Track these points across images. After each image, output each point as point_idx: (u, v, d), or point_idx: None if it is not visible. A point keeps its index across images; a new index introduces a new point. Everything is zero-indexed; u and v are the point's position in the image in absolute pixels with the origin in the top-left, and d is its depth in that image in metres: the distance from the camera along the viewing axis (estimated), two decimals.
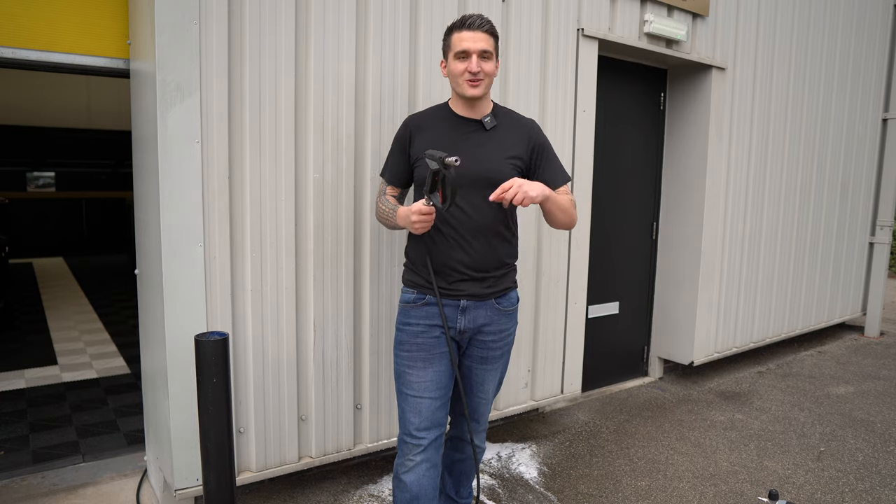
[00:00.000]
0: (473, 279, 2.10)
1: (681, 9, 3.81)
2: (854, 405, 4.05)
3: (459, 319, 2.13)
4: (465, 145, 2.08)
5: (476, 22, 2.04)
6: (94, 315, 6.36)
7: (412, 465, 2.11)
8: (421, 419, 2.11)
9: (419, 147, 2.11)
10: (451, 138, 2.11)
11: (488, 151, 2.10)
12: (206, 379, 1.97)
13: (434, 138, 2.11)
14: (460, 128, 2.12)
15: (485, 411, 2.31)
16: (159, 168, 2.21)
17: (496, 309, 2.16)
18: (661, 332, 4.45)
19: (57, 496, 2.74)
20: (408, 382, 2.13)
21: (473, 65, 2.02)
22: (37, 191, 11.53)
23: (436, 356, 2.12)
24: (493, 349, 2.20)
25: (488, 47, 2.05)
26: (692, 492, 2.91)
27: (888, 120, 5.71)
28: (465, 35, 2.03)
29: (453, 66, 2.07)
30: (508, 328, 2.23)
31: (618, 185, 4.07)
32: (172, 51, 2.19)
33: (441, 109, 2.20)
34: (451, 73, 2.09)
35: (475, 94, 2.06)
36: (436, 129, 2.14)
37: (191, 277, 2.30)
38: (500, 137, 2.13)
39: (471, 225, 2.07)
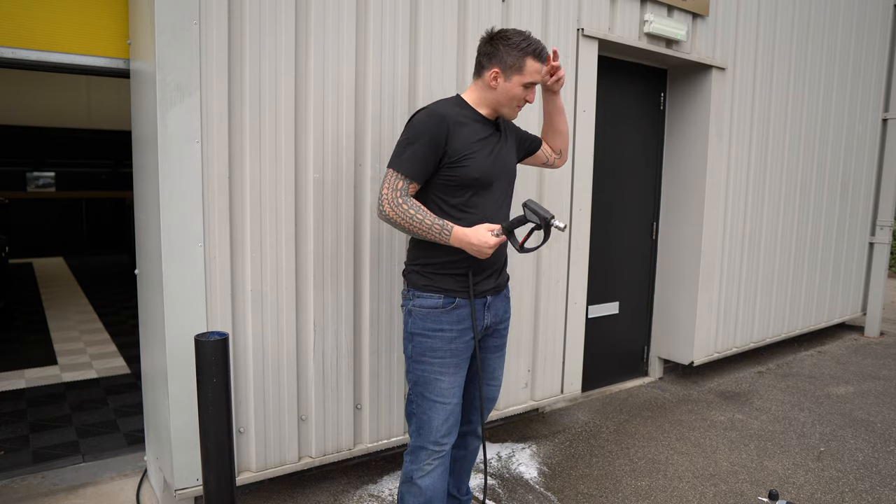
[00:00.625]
0: (494, 274, 2.19)
1: (681, 9, 3.81)
2: (854, 405, 4.05)
3: (486, 316, 2.18)
4: (497, 148, 2.16)
5: (545, 53, 2.09)
6: (94, 315, 6.36)
7: (430, 469, 2.13)
8: (449, 426, 2.13)
9: (459, 145, 2.04)
10: (485, 140, 2.12)
11: (509, 152, 2.22)
12: (206, 379, 1.97)
13: (473, 139, 2.08)
14: (489, 130, 2.15)
15: (496, 397, 2.39)
16: (159, 168, 2.21)
17: (504, 296, 2.27)
18: (661, 332, 4.45)
19: (57, 496, 2.74)
20: (439, 390, 2.11)
21: (532, 96, 2.09)
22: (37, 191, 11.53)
23: (464, 361, 2.15)
24: (503, 335, 2.32)
25: None
26: (692, 492, 2.91)
27: (888, 120, 5.71)
28: (537, 67, 2.07)
29: (515, 90, 2.07)
30: (510, 312, 2.35)
31: (618, 185, 4.07)
32: (172, 51, 2.19)
33: (463, 107, 2.13)
34: (508, 94, 2.08)
35: (514, 117, 2.18)
36: (468, 129, 2.08)
37: (191, 277, 2.30)
38: (508, 137, 2.24)
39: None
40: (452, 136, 2.05)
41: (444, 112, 2.07)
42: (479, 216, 2.09)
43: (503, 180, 2.18)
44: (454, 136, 2.05)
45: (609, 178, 3.97)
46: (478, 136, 2.10)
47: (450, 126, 2.05)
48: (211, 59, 2.27)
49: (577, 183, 3.43)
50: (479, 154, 2.08)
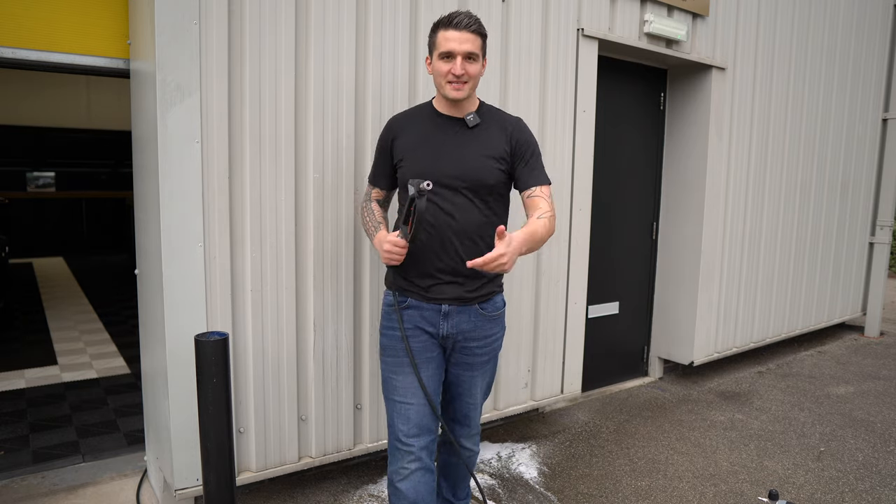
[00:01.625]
0: (455, 283, 2.04)
1: (681, 9, 3.81)
2: (854, 405, 4.05)
3: (442, 324, 2.07)
4: (447, 145, 2.03)
5: (463, 21, 1.94)
6: (94, 315, 6.36)
7: (407, 472, 2.06)
8: (409, 426, 2.05)
9: (401, 148, 2.07)
10: (434, 138, 2.04)
11: (470, 151, 2.03)
12: (206, 379, 1.97)
13: (416, 139, 2.05)
14: (443, 127, 2.05)
15: (474, 415, 2.26)
16: (159, 168, 2.21)
17: (480, 314, 2.10)
18: (661, 332, 4.45)
19: (57, 496, 2.74)
20: (394, 388, 2.08)
21: (457, 67, 1.94)
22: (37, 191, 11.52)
23: (422, 361, 2.07)
24: (478, 355, 2.14)
25: (475, 49, 1.96)
26: (692, 492, 2.91)
27: (888, 120, 5.71)
28: (451, 35, 1.94)
29: (437, 65, 1.99)
30: (494, 333, 2.16)
31: (618, 185, 4.07)
32: (172, 51, 2.19)
33: (424, 108, 2.14)
34: (435, 73, 2.01)
35: (457, 97, 1.99)
36: (418, 129, 2.07)
37: (191, 277, 2.30)
38: (483, 137, 2.05)
39: (454, 227, 2.00)
40: (398, 139, 2.09)
41: (394, 119, 2.16)
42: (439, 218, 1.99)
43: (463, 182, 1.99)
44: (399, 140, 2.09)
45: (609, 178, 3.97)
46: (425, 136, 2.04)
47: (395, 130, 2.11)
48: (211, 59, 2.27)
49: (577, 183, 3.43)
50: (421, 155, 2.03)
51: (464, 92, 1.99)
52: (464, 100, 2.03)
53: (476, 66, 1.99)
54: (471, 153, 2.02)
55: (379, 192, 2.21)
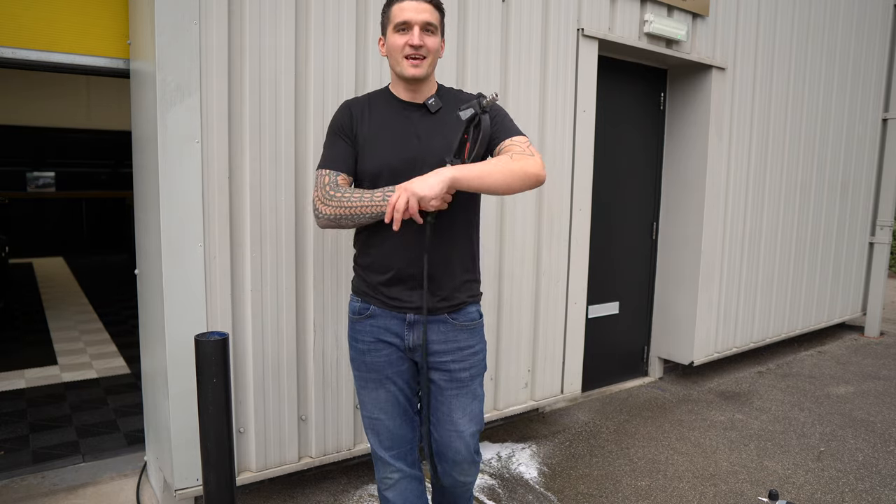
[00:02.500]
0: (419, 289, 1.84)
1: (681, 9, 3.81)
2: (854, 405, 4.05)
3: (408, 335, 1.88)
4: (405, 134, 1.85)
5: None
6: (94, 315, 6.36)
7: (391, 482, 2.00)
8: (381, 439, 1.96)
9: (360, 134, 1.87)
10: (394, 126, 1.86)
11: (434, 141, 1.83)
12: (206, 379, 1.97)
13: (375, 127, 1.87)
14: (403, 114, 1.87)
15: (460, 447, 1.93)
16: (159, 168, 2.21)
17: (451, 325, 1.89)
18: (661, 332, 4.45)
19: (57, 496, 2.74)
20: (362, 402, 1.98)
21: (415, 38, 1.77)
22: (37, 191, 11.52)
23: (386, 378, 1.91)
24: (454, 371, 1.90)
25: (433, 20, 1.80)
26: (692, 492, 2.91)
27: (888, 120, 5.71)
28: (407, 5, 1.78)
29: (392, 40, 1.81)
30: (471, 345, 1.92)
31: (618, 185, 4.07)
32: (172, 51, 2.19)
33: (381, 94, 1.94)
34: (390, 50, 1.83)
35: (416, 74, 1.80)
36: (373, 115, 1.88)
37: (191, 277, 2.30)
38: (447, 122, 1.85)
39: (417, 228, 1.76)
40: (359, 123, 1.89)
41: (352, 103, 1.95)
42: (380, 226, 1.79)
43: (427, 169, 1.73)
44: (360, 124, 1.88)
45: (609, 178, 3.97)
46: (384, 123, 1.87)
47: (353, 112, 1.90)
48: (211, 58, 2.27)
49: (577, 183, 3.43)
50: (382, 143, 1.85)
51: (422, 69, 1.81)
52: (423, 81, 1.85)
53: (435, 39, 1.82)
54: (436, 141, 1.83)
55: (346, 178, 1.86)
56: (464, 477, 2.01)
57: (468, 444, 1.95)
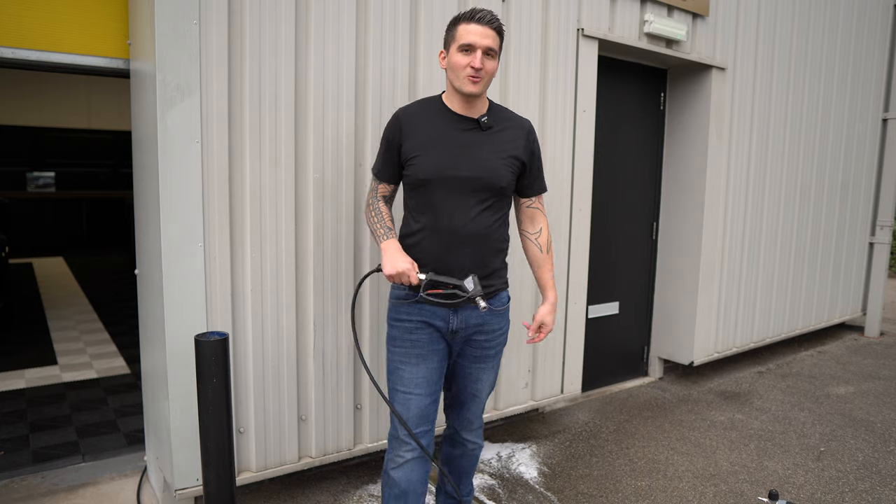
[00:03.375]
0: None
1: (681, 9, 3.81)
2: (854, 405, 4.05)
3: (452, 319, 2.10)
4: (456, 146, 2.03)
5: (487, 17, 1.97)
6: (94, 315, 6.36)
7: (402, 461, 2.12)
8: (410, 415, 2.10)
9: (413, 145, 2.04)
10: (449, 138, 2.04)
11: (486, 153, 2.04)
12: (206, 379, 1.97)
13: (429, 137, 2.04)
14: (456, 126, 2.05)
15: (476, 409, 2.30)
16: (159, 168, 2.21)
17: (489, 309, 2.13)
18: (661, 332, 4.45)
19: (57, 496, 2.74)
20: (400, 378, 2.12)
21: (477, 60, 1.94)
22: (37, 191, 11.52)
23: (429, 353, 2.10)
24: (486, 348, 2.20)
25: (494, 45, 1.98)
26: (692, 492, 2.91)
27: (888, 120, 5.71)
28: (473, 28, 1.96)
29: (455, 58, 1.98)
30: (501, 327, 2.22)
31: (618, 185, 4.07)
32: (172, 51, 2.19)
33: (434, 104, 2.11)
34: (452, 66, 2.00)
35: (474, 91, 1.98)
36: (430, 126, 2.05)
37: (191, 277, 2.30)
38: (497, 138, 2.07)
39: (462, 229, 2.02)
40: (407, 134, 2.06)
41: (403, 113, 2.11)
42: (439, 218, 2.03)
43: (475, 183, 2.01)
44: (409, 135, 2.05)
45: (609, 178, 3.97)
46: (436, 134, 2.04)
47: (403, 124, 2.07)
48: (211, 59, 2.27)
49: (577, 183, 3.43)
50: (432, 153, 2.02)
51: (479, 87, 1.99)
52: (477, 97, 2.04)
53: (493, 62, 2.00)
54: (486, 156, 2.04)
55: (386, 188, 2.17)
56: (474, 437, 2.33)
57: (482, 405, 2.31)
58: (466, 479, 2.46)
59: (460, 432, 2.33)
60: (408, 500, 2.14)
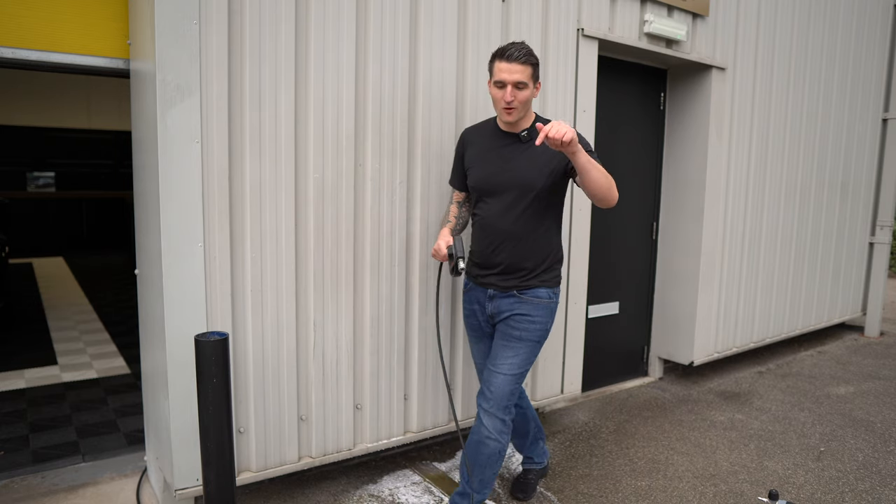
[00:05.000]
0: (498, 273, 2.43)
1: (681, 9, 3.81)
2: (854, 405, 4.05)
3: (488, 305, 2.48)
4: (499, 158, 2.39)
5: (514, 54, 2.21)
6: (95, 315, 6.36)
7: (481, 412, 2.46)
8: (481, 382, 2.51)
9: (469, 159, 2.48)
10: (489, 151, 2.42)
11: (519, 164, 2.35)
12: (206, 379, 1.97)
13: (479, 151, 2.45)
14: (498, 141, 2.42)
15: (496, 387, 2.41)
16: (159, 168, 2.21)
17: (518, 297, 2.41)
18: (661, 332, 4.45)
19: (57, 496, 2.74)
20: (471, 353, 2.73)
21: (507, 95, 2.24)
22: (37, 191, 11.52)
23: (480, 335, 2.59)
24: (513, 328, 2.42)
25: (524, 78, 2.23)
26: (692, 492, 2.91)
27: (888, 120, 5.71)
28: (503, 66, 2.23)
29: (493, 91, 2.31)
30: (531, 314, 2.41)
31: (618, 185, 4.05)
32: (172, 51, 2.19)
33: (490, 123, 2.50)
34: (492, 98, 2.33)
35: (509, 119, 2.32)
36: (480, 142, 2.47)
37: (191, 277, 2.30)
38: (533, 151, 2.33)
39: (502, 230, 2.37)
40: (467, 150, 2.52)
41: (466, 132, 2.57)
42: (484, 219, 2.44)
43: (513, 190, 2.35)
44: (468, 150, 2.51)
45: None
46: (485, 149, 2.43)
47: (465, 142, 2.54)
48: (211, 59, 2.27)
49: None
50: (480, 165, 2.43)
51: (514, 115, 2.30)
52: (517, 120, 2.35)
53: (526, 92, 2.27)
54: (520, 165, 2.35)
55: (458, 195, 2.63)
56: (490, 423, 2.41)
57: (501, 385, 2.41)
58: (479, 473, 2.44)
59: (480, 411, 2.45)
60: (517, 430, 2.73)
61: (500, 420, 2.41)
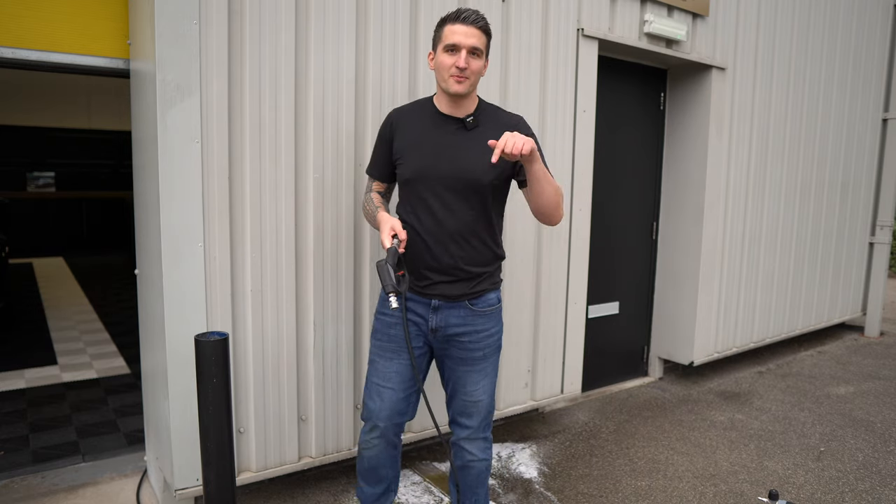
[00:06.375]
0: (444, 282, 2.09)
1: (681, 9, 3.81)
2: (854, 405, 4.05)
3: (431, 318, 2.12)
4: (441, 146, 2.06)
5: (471, 17, 1.99)
6: (95, 315, 6.36)
7: (372, 445, 2.20)
8: (381, 406, 2.15)
9: (401, 145, 2.10)
10: (430, 138, 2.07)
11: (466, 154, 2.04)
12: (206, 379, 1.97)
13: (414, 137, 2.09)
14: (441, 126, 2.08)
15: (475, 414, 2.20)
16: (159, 168, 2.21)
17: (469, 310, 2.12)
18: (661, 332, 4.45)
19: (57, 496, 2.74)
20: (375, 371, 2.18)
21: (462, 60, 1.97)
22: (37, 191, 11.52)
23: (405, 349, 2.12)
24: (471, 350, 2.14)
25: (479, 45, 2.00)
26: (692, 492, 2.91)
27: (888, 120, 5.71)
28: (458, 28, 1.98)
29: (441, 58, 2.01)
30: (487, 329, 2.16)
31: (618, 185, 4.07)
32: (172, 51, 2.19)
33: (424, 105, 2.16)
34: (438, 66, 2.03)
35: (459, 90, 2.00)
36: (415, 127, 2.11)
37: (191, 277, 2.30)
38: (481, 139, 2.03)
39: (445, 228, 2.05)
40: (397, 134, 2.12)
41: (395, 113, 2.19)
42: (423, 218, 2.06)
43: (459, 183, 2.03)
44: (399, 135, 2.12)
45: (609, 178, 3.97)
46: (423, 135, 2.08)
47: (395, 125, 2.14)
48: (211, 59, 2.27)
49: (577, 183, 3.43)
50: (418, 153, 2.07)
51: (465, 86, 2.00)
52: (464, 97, 2.05)
53: (479, 62, 2.02)
54: (467, 155, 2.04)
55: (380, 185, 2.23)
56: (473, 447, 2.22)
57: (479, 411, 2.20)
58: (471, 495, 2.29)
59: (458, 441, 2.25)
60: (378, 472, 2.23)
61: (482, 439, 2.24)
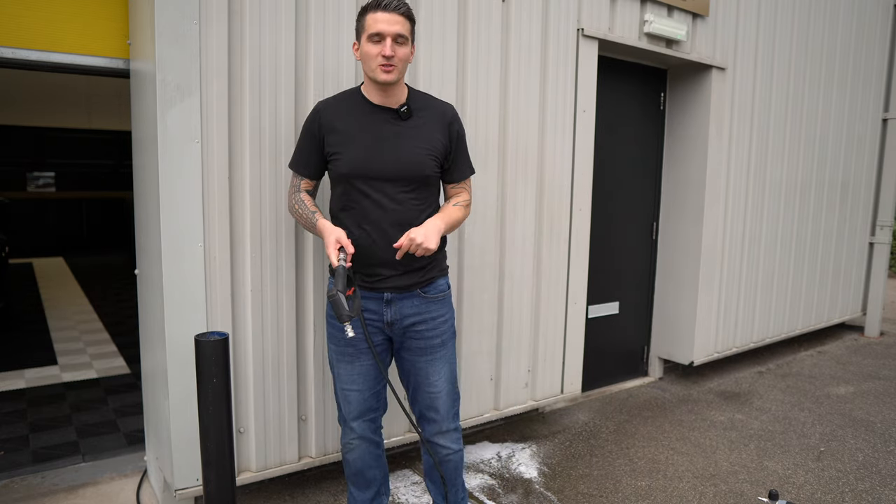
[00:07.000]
0: (395, 275, 2.08)
1: (681, 9, 3.81)
2: (854, 405, 4.05)
3: (386, 311, 2.11)
4: (378, 138, 2.03)
5: (392, 3, 1.95)
6: (95, 315, 6.36)
7: (352, 447, 2.22)
8: (350, 409, 2.18)
9: (335, 139, 2.05)
10: (367, 130, 2.04)
11: (404, 143, 2.04)
12: (206, 379, 1.97)
13: (349, 129, 2.05)
14: (373, 117, 2.05)
15: (441, 407, 2.21)
16: (159, 168, 2.21)
17: (422, 297, 2.13)
18: (661, 332, 4.45)
19: (57, 496, 2.74)
20: (338, 375, 2.19)
21: (387, 49, 1.93)
22: (37, 191, 11.52)
23: (363, 351, 2.12)
24: (429, 338, 2.16)
25: (404, 31, 1.97)
26: (692, 492, 2.91)
27: (888, 120, 5.71)
28: (381, 16, 1.94)
29: (367, 48, 1.97)
30: (442, 314, 2.18)
31: (618, 186, 4.07)
32: (172, 51, 2.19)
33: (353, 96, 2.11)
34: (364, 57, 1.99)
35: (388, 79, 1.97)
36: (350, 119, 2.06)
37: (191, 277, 2.30)
38: (419, 129, 2.06)
39: (389, 220, 2.03)
40: (328, 128, 2.07)
41: (322, 105, 2.13)
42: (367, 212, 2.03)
43: (401, 174, 2.02)
44: (330, 128, 2.06)
45: (609, 178, 3.97)
46: (358, 127, 2.04)
47: (322, 118, 2.08)
48: (211, 59, 2.27)
49: (577, 183, 3.43)
50: (354, 146, 2.03)
51: (393, 75, 1.97)
52: (393, 85, 2.03)
53: (405, 49, 1.99)
54: (408, 146, 2.04)
55: (308, 183, 2.18)
56: (446, 441, 2.24)
57: (445, 402, 2.21)
58: (452, 489, 2.30)
59: (430, 437, 2.24)
60: (365, 475, 2.25)
61: (453, 430, 2.26)
